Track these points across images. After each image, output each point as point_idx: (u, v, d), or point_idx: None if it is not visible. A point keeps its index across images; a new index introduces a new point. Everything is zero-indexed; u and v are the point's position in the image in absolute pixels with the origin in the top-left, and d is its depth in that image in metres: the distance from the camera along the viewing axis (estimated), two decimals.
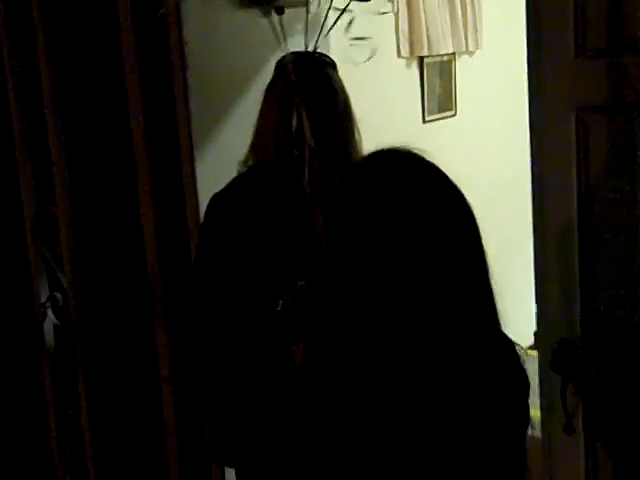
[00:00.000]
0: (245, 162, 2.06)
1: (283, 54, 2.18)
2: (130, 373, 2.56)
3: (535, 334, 2.23)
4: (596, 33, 2.00)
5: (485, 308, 1.18)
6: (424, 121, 4.38)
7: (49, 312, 2.55)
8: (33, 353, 2.62)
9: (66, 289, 2.50)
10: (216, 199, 2.01)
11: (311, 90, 2.03)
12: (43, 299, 2.57)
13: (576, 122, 2.05)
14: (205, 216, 2.05)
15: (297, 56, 2.14)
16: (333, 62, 2.16)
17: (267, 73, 2.14)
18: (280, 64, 2.11)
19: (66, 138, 2.43)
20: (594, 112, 2.03)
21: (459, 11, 4.42)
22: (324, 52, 2.36)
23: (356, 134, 2.15)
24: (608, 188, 2.03)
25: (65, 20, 2.45)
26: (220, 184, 2.05)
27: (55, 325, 2.57)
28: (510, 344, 1.24)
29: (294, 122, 1.98)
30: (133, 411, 2.59)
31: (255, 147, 2.04)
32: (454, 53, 4.48)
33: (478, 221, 1.18)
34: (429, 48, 4.23)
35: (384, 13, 2.35)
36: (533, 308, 2.22)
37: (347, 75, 3.56)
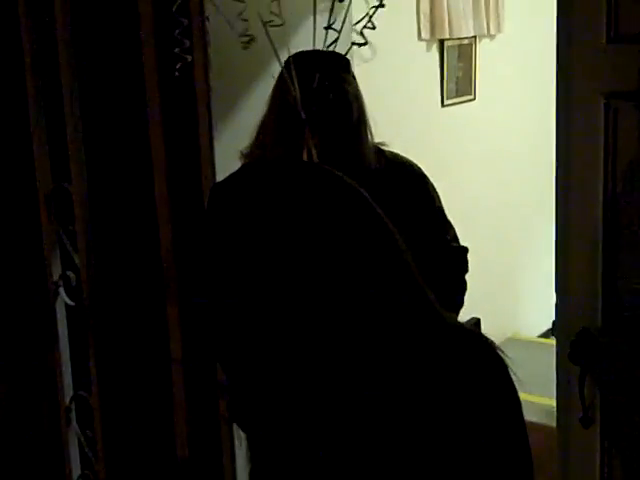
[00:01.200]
0: (249, 155, 2.07)
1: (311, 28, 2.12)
2: (142, 354, 2.55)
3: (554, 323, 2.20)
4: (629, 18, 1.95)
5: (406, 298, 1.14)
6: (442, 105, 4.34)
7: (61, 291, 2.53)
8: (45, 333, 2.60)
9: (79, 268, 2.48)
10: (216, 188, 2.04)
11: (322, 106, 1.99)
12: (55, 278, 2.55)
13: (605, 108, 2.01)
14: (207, 204, 2.08)
15: (306, 61, 2.05)
16: (347, 62, 2.10)
17: (293, 48, 2.09)
18: (287, 68, 2.04)
19: (82, 114, 2.40)
20: (624, 98, 1.98)
21: None
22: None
23: (369, 137, 2.16)
24: (636, 177, 1.99)
25: None
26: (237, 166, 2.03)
27: (67, 305, 2.55)
28: (464, 332, 1.18)
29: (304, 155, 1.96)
30: (144, 392, 2.59)
31: (258, 145, 2.07)
32: (475, 36, 4.42)
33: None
34: (450, 31, 4.18)
35: None
36: (552, 297, 2.19)
37: (367, 55, 3.54)
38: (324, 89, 1.98)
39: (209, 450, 2.49)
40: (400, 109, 3.91)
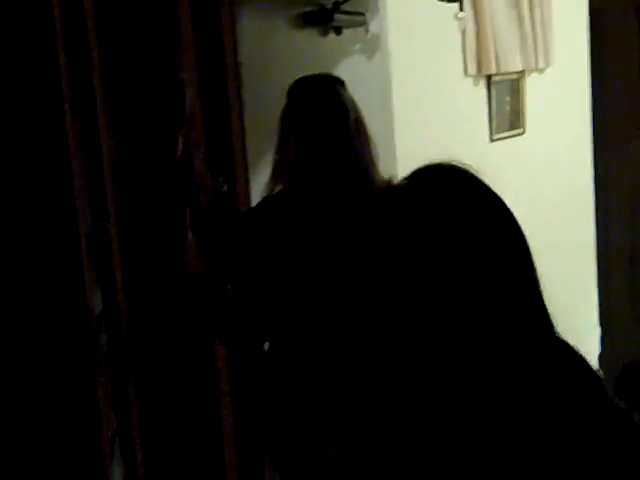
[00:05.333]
0: (271, 189, 2.13)
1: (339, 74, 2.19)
2: (188, 387, 2.58)
3: (599, 358, 2.17)
4: None
5: (532, 313, 1.20)
6: (491, 140, 4.31)
7: (103, 326, 2.59)
8: (88, 367, 2.66)
9: (119, 304, 2.53)
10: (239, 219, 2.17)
11: (322, 111, 2.07)
12: (97, 313, 2.61)
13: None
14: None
15: (306, 81, 2.16)
16: (342, 81, 2.18)
17: None
18: (290, 91, 2.14)
19: (118, 157, 2.48)
20: None
21: (528, 28, 4.33)
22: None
23: (372, 149, 2.17)
24: None
25: (121, 38, 2.49)
26: None
27: (109, 339, 2.61)
28: (571, 349, 1.23)
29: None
30: (190, 425, 2.60)
31: (276, 175, 2.11)
32: (523, 71, 4.40)
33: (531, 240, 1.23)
34: (497, 66, 4.16)
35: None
36: (597, 331, 2.16)
37: (412, 93, 3.56)
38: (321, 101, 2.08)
39: None
40: (449, 144, 3.90)
